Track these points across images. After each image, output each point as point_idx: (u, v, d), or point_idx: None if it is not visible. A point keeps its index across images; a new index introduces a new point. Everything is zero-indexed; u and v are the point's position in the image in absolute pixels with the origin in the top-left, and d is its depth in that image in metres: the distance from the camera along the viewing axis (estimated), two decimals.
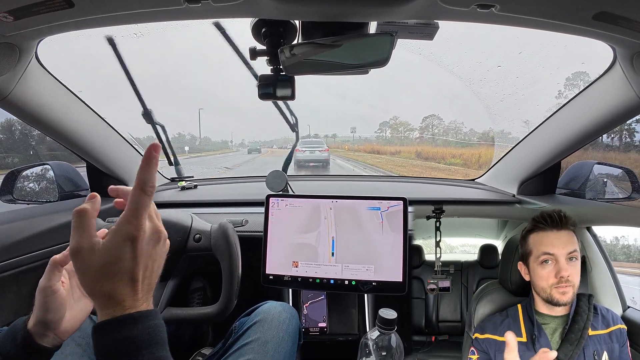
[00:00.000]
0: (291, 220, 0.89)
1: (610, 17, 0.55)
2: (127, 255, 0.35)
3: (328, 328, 1.01)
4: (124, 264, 0.35)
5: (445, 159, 17.32)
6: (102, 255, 0.35)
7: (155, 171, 0.37)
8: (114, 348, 0.35)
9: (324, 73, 0.70)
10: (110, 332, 0.35)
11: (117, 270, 0.35)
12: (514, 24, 0.61)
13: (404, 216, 0.84)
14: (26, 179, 1.16)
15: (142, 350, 0.35)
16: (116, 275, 0.35)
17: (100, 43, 0.95)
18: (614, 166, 1.24)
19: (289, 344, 0.73)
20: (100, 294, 0.36)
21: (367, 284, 0.84)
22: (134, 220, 0.35)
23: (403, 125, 46.86)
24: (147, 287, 0.37)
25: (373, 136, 48.72)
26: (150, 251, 0.37)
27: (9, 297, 0.84)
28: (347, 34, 0.62)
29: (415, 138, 39.21)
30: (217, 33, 0.92)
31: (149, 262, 0.37)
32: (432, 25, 0.63)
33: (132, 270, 0.36)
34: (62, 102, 0.94)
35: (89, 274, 0.35)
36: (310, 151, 13.20)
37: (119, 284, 0.35)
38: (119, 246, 0.35)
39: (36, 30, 0.63)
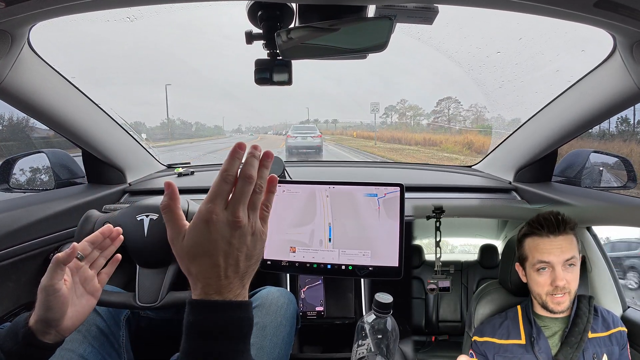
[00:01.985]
0: (288, 206, 0.90)
1: (611, 5, 0.54)
2: (204, 237, 0.37)
3: (325, 312, 1.03)
4: (203, 247, 0.37)
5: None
6: (187, 239, 0.38)
7: (237, 164, 0.39)
8: (193, 328, 0.36)
9: (321, 57, 0.69)
10: (194, 312, 0.37)
11: (198, 252, 0.38)
12: (513, 9, 0.60)
13: (401, 202, 0.85)
14: (22, 167, 1.15)
15: (219, 337, 0.36)
16: (198, 258, 0.38)
17: (90, 27, 0.93)
18: (610, 155, 1.24)
19: (287, 328, 0.75)
20: (190, 275, 0.39)
21: (363, 268, 0.85)
22: (210, 204, 0.37)
23: (413, 109, 41.09)
24: (232, 275, 0.38)
25: (378, 122, 45.66)
26: (229, 238, 0.38)
27: (9, 286, 0.84)
28: (345, 18, 0.60)
29: (428, 124, 33.96)
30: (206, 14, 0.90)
31: (230, 250, 0.38)
32: (431, 9, 0.62)
33: (211, 253, 0.37)
34: (56, 89, 0.92)
35: (181, 257, 0.39)
36: (302, 137, 12.70)
37: (203, 267, 0.37)
38: (196, 228, 0.38)
39: (28, 16, 0.62)
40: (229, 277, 0.38)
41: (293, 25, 0.67)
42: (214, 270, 0.37)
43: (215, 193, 0.38)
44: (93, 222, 0.80)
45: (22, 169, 1.16)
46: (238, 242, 0.38)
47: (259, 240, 0.41)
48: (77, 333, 0.64)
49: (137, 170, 1.33)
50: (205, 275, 0.37)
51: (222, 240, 0.37)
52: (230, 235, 0.38)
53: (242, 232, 0.38)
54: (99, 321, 0.69)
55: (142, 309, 0.68)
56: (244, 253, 0.39)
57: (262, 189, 0.41)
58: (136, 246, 0.77)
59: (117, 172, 1.22)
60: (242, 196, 0.39)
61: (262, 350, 0.67)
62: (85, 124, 1.04)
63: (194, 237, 0.38)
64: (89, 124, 1.06)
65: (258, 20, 0.66)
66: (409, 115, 39.54)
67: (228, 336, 0.37)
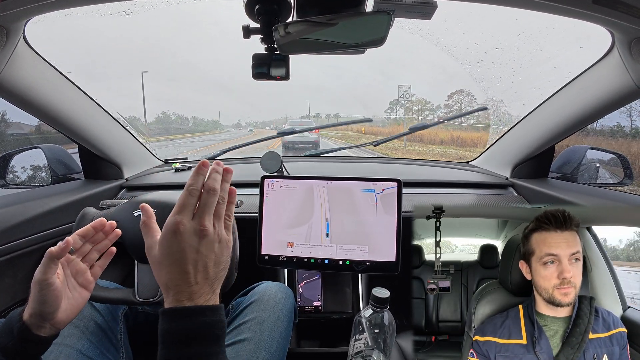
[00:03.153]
0: (286, 201, 0.90)
1: (610, 2, 0.54)
2: (174, 247, 0.40)
3: (323, 307, 1.04)
4: (174, 256, 0.40)
5: None
6: (158, 249, 0.41)
7: (201, 179, 0.42)
8: (167, 336, 0.38)
9: (319, 52, 0.69)
10: (166, 320, 0.39)
11: (169, 261, 0.40)
12: (512, 5, 0.60)
13: (398, 198, 0.85)
14: (18, 163, 1.15)
15: (192, 342, 0.38)
16: (169, 266, 0.40)
17: (85, 22, 0.92)
18: (607, 151, 1.25)
19: (285, 322, 0.75)
20: (162, 284, 0.41)
21: (361, 263, 0.86)
22: (177, 216, 0.40)
23: (420, 103, 36.88)
24: (202, 281, 0.40)
25: (382, 117, 40.81)
26: (197, 246, 0.40)
27: (5, 282, 0.84)
28: (343, 12, 0.60)
29: (437, 117, 31.81)
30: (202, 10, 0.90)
31: (198, 257, 0.40)
32: (430, 4, 0.61)
33: (180, 261, 0.40)
34: (52, 84, 0.92)
35: (155, 266, 0.42)
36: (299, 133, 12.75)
37: (174, 275, 0.40)
38: (166, 238, 0.40)
39: (23, 10, 0.61)
40: (199, 283, 0.40)
41: (291, 19, 0.67)
42: (185, 277, 0.39)
43: (182, 206, 0.41)
44: (90, 219, 0.79)
45: (19, 165, 1.15)
46: (206, 250, 0.41)
47: (225, 248, 0.44)
48: (75, 328, 0.65)
49: (134, 165, 1.32)
50: (176, 283, 0.39)
51: (191, 248, 0.40)
52: (198, 244, 0.40)
53: (209, 240, 0.41)
54: (97, 316, 0.70)
55: (142, 304, 0.68)
56: (212, 260, 0.41)
57: (225, 200, 0.44)
58: (134, 242, 0.77)
59: (114, 167, 1.22)
60: (207, 207, 0.42)
61: (260, 345, 0.67)
62: (81, 119, 1.03)
63: (164, 247, 0.41)
64: (86, 119, 1.05)
65: (255, 15, 0.65)
66: (415, 110, 36.00)
67: (202, 340, 0.38)
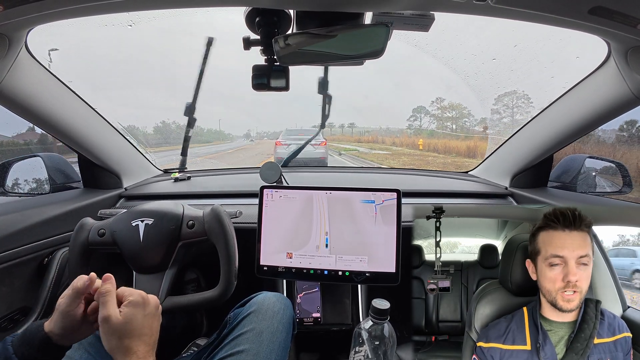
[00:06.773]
0: (285, 211, 0.89)
1: (605, 12, 0.55)
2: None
3: (322, 318, 1.02)
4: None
5: None
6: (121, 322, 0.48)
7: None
8: None
9: (318, 64, 0.69)
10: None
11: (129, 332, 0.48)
12: (509, 17, 0.61)
13: (398, 208, 0.85)
14: (17, 171, 1.15)
15: None
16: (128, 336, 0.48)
17: (85, 33, 0.94)
18: (605, 160, 1.25)
19: (283, 334, 0.74)
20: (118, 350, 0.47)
21: (360, 274, 0.85)
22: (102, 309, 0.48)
23: (456, 109, 28.25)
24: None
25: (404, 126, 34.51)
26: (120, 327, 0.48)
27: (2, 290, 0.83)
28: (342, 25, 0.61)
29: (484, 127, 22.22)
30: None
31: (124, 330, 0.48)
32: (427, 16, 0.63)
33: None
34: (53, 93, 0.92)
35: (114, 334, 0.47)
36: (296, 145, 8.97)
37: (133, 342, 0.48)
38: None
39: (26, 19, 0.62)
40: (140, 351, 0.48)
41: (290, 31, 0.68)
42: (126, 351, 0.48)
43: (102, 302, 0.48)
44: (88, 230, 0.79)
45: (18, 173, 1.15)
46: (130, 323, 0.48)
47: (144, 311, 0.51)
48: (86, 353, 0.67)
49: (133, 174, 1.32)
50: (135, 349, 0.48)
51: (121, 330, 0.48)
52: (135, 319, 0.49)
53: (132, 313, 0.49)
54: None
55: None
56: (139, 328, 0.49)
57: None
58: (132, 252, 0.76)
59: (113, 176, 1.21)
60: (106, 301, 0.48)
61: (258, 356, 0.66)
62: (81, 128, 1.04)
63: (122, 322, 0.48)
64: (86, 128, 1.05)
65: (256, 26, 0.66)
66: (449, 117, 28.76)
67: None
